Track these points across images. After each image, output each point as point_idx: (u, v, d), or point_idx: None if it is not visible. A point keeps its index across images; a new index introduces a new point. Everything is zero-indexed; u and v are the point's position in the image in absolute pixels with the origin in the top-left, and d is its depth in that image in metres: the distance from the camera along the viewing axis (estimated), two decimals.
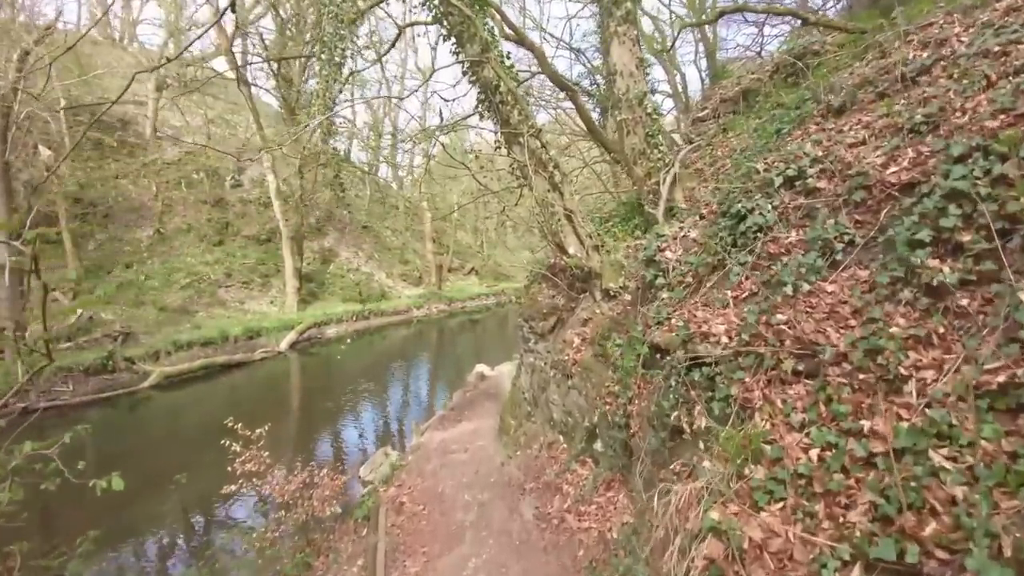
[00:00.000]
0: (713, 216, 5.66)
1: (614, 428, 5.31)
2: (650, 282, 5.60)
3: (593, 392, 6.05)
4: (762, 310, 3.94)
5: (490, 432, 11.82)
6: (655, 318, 5.12)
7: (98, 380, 17.34)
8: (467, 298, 33.80)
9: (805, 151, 5.18)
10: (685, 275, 5.32)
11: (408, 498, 7.01)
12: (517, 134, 6.91)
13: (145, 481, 11.62)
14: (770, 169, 5.27)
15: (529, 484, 6.41)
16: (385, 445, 13.66)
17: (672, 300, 5.21)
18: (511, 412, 8.67)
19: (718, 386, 3.89)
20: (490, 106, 7.09)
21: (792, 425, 3.32)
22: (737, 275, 4.76)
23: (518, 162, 7.08)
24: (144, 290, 21.18)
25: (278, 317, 23.77)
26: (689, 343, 4.41)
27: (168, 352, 19.26)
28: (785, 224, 4.74)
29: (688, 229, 5.82)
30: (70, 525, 10.28)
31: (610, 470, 5.47)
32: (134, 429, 15.29)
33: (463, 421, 13.58)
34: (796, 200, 4.88)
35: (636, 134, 7.16)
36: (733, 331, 4.16)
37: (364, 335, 26.19)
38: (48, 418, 15.47)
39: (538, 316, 7.46)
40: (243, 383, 19.04)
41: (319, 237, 30.39)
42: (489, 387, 16.29)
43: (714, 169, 7.60)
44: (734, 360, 3.89)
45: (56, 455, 3.16)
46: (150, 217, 23.52)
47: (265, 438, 8.05)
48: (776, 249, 4.62)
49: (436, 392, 19.15)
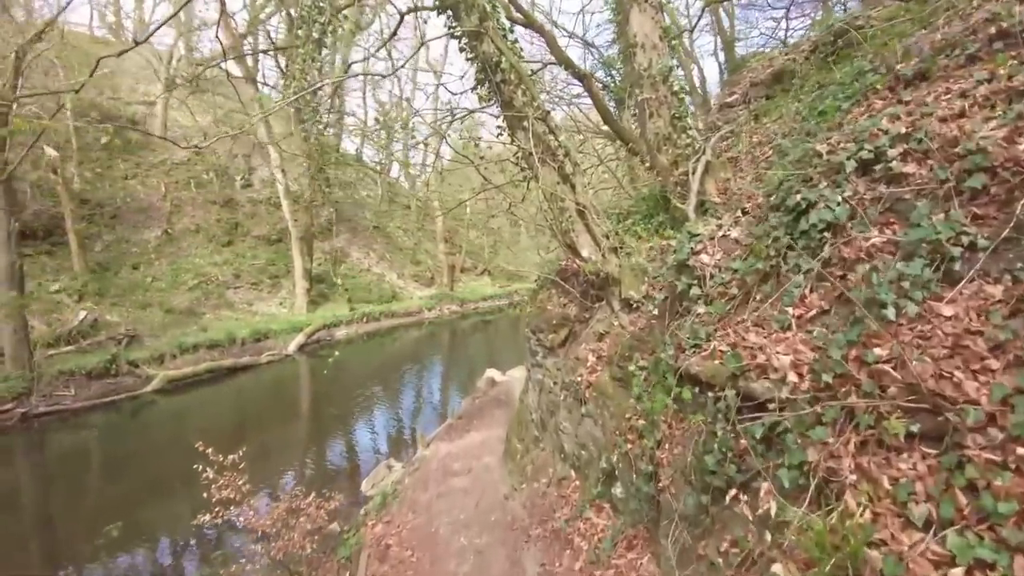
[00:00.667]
0: (760, 211, 4.51)
1: (638, 475, 4.20)
2: (682, 292, 4.47)
3: (611, 423, 4.93)
4: (849, 340, 2.79)
5: (497, 445, 10.83)
6: (690, 339, 4.00)
7: (101, 384, 16.62)
8: (479, 299, 32.74)
9: (881, 127, 4.00)
10: (727, 284, 4.18)
11: (396, 540, 5.98)
12: (521, 117, 5.82)
13: (145, 488, 10.97)
14: (836, 151, 4.10)
15: (535, 529, 5.33)
16: (389, 456, 12.76)
17: (711, 316, 4.08)
18: (517, 433, 7.58)
19: (788, 446, 2.75)
20: (490, 86, 6.00)
21: (911, 521, 2.18)
22: (799, 286, 3.62)
23: (523, 150, 5.97)
24: (151, 291, 20.47)
25: (287, 319, 22.96)
26: (741, 378, 3.28)
27: (173, 355, 18.50)
28: (863, 221, 3.58)
29: (728, 227, 4.67)
30: (73, 530, 9.64)
31: (632, 525, 4.35)
32: (136, 434, 14.55)
33: (471, 431, 12.56)
34: (875, 189, 3.72)
35: (660, 116, 6.02)
36: (804, 366, 3.02)
37: (375, 337, 25.30)
38: (50, 423, 14.82)
39: (547, 327, 6.36)
40: (249, 387, 18.22)
41: (330, 237, 29.55)
42: (499, 394, 15.23)
43: (752, 157, 6.42)
44: (810, 409, 2.76)
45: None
46: (158, 218, 22.84)
47: (243, 459, 7.05)
48: (853, 253, 3.46)
49: (447, 397, 18.15)
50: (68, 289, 18.67)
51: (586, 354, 5.62)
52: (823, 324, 3.35)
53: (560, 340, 6.15)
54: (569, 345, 6.10)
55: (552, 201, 5.84)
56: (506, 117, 6.03)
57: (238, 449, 7.22)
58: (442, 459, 10.57)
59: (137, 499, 10.55)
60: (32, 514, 10.68)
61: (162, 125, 25.55)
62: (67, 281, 18.83)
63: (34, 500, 11.47)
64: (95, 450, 13.67)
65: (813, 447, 2.64)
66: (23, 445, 13.78)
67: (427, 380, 19.90)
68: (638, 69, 6.15)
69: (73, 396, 15.79)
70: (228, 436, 13.98)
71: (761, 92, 9.53)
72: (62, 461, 13.07)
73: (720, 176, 6.11)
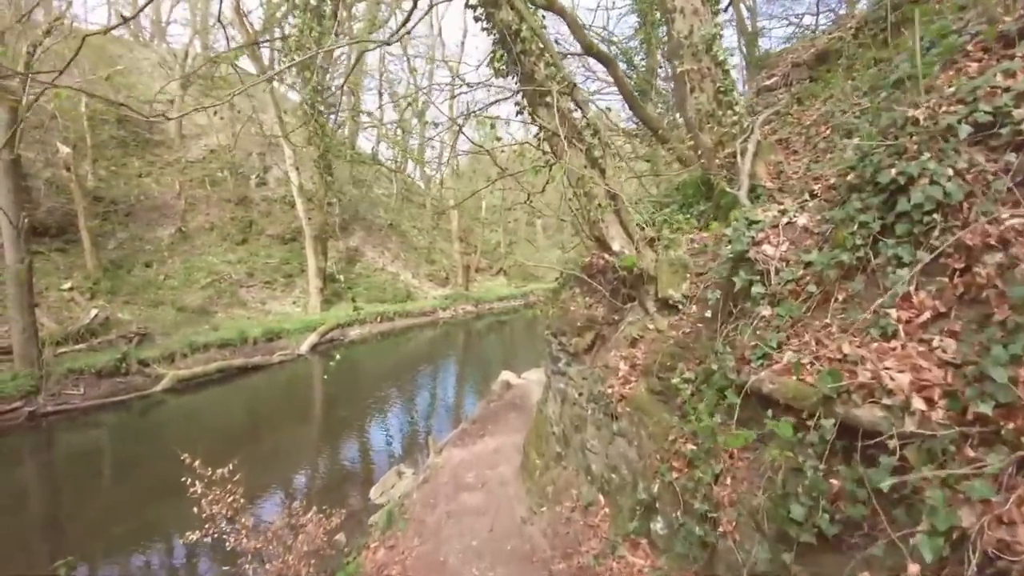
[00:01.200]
0: (835, 193, 3.68)
1: (688, 512, 3.40)
2: (740, 290, 3.66)
3: (650, 445, 4.14)
4: (1013, 355, 1.97)
5: (513, 453, 10.12)
6: (756, 348, 3.19)
7: (111, 383, 16.18)
8: (495, 299, 32.00)
9: (995, 84, 3.18)
10: (800, 281, 3.37)
11: (399, 570, 5.23)
12: (543, 93, 5.04)
13: (152, 489, 10.29)
14: (937, 116, 3.27)
15: (558, 564, 4.56)
16: (400, 461, 12.11)
17: (781, 320, 3.27)
18: (536, 446, 6.79)
19: (927, 504, 1.94)
20: (509, 59, 5.24)
21: None
22: (903, 283, 2.80)
23: (545, 131, 5.20)
24: (163, 290, 20.05)
25: (300, 318, 22.43)
26: (838, 401, 2.48)
27: (184, 354, 18.02)
28: (988, 197, 2.76)
29: (794, 213, 3.86)
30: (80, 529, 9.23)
31: (679, 570, 3.55)
32: (145, 434, 14.07)
33: (485, 436, 11.84)
34: (997, 158, 2.90)
35: (703, 91, 5.20)
36: (934, 387, 2.21)
37: (389, 337, 24.70)
38: (58, 422, 14.39)
39: (570, 330, 5.58)
40: (260, 387, 17.68)
41: (345, 236, 29.03)
42: (515, 397, 14.50)
43: (805, 138, 5.58)
44: (957, 451, 1.95)
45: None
46: (172, 215, 22.46)
47: (237, 470, 6.38)
48: (977, 240, 2.64)
49: (461, 399, 17.43)
50: (80, 287, 18.30)
51: (617, 362, 4.83)
52: (942, 330, 2.54)
53: (586, 345, 5.37)
54: (596, 351, 5.32)
55: (578, 188, 5.07)
56: (526, 94, 5.27)
57: (235, 457, 6.60)
58: (454, 468, 9.86)
59: (145, 499, 10.04)
60: (39, 514, 10.27)
61: (177, 123, 25.22)
62: (79, 279, 18.46)
63: (41, 500, 11.05)
64: (103, 450, 13.20)
65: (969, 508, 1.84)
66: (30, 445, 13.34)
67: (441, 381, 19.21)
68: (677, 37, 5.34)
69: (82, 395, 15.35)
70: (236, 437, 13.43)
71: (803, 74, 8.68)
72: (69, 461, 12.62)
73: (770, 158, 5.28)
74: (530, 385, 15.43)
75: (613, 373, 4.77)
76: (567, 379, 5.63)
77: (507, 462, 9.67)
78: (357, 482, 11.49)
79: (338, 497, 10.81)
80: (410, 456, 12.38)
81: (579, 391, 5.29)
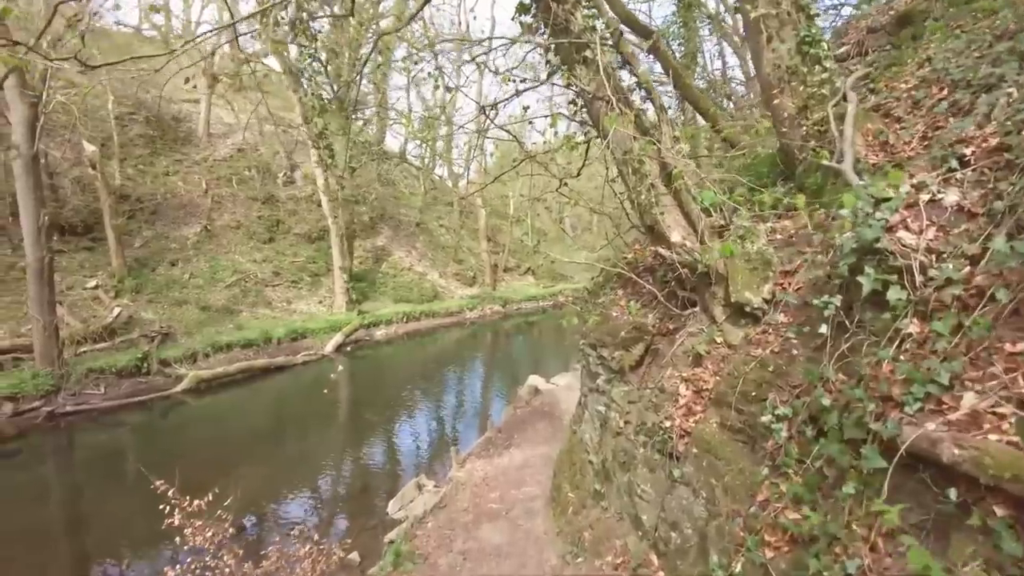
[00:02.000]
0: (1006, 157, 2.53)
1: None
2: (868, 297, 2.54)
3: (727, 502, 3.04)
4: None
5: (541, 468, 9.15)
6: (910, 384, 2.08)
7: (131, 383, 15.74)
8: (523, 300, 30.96)
9: None
10: (968, 282, 2.24)
11: None
12: (581, 46, 3.98)
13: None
14: None
15: None
16: (422, 470, 11.26)
17: (944, 341, 2.14)
18: (569, 476, 5.71)
19: None
20: (538, 8, 4.19)
21: None
22: None
23: (583, 95, 4.13)
24: (188, 288, 19.65)
25: (325, 318, 21.82)
26: None
27: (206, 354, 17.53)
28: None
29: (937, 189, 2.71)
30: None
31: None
32: (165, 436, 13.56)
33: (511, 447, 10.86)
34: None
35: (782, 41, 4.06)
36: None
37: (414, 337, 23.92)
38: (77, 422, 13.95)
39: (613, 342, 4.50)
40: (282, 388, 17.03)
41: (372, 235, 28.41)
42: (543, 404, 13.48)
43: (911, 103, 4.38)
44: None
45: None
46: (199, 214, 22.10)
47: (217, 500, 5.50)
48: None
49: (487, 404, 16.46)
50: (105, 285, 17.99)
51: (676, 385, 3.74)
52: None
53: (633, 361, 4.27)
54: (647, 369, 4.22)
55: (625, 165, 4.00)
56: (559, 49, 4.21)
57: (252, 462, 5.73)
58: (476, 487, 8.90)
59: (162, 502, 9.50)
60: (58, 516, 9.80)
61: (205, 121, 24.95)
62: (104, 277, 18.15)
63: (61, 500, 10.57)
64: (121, 452, 12.66)
65: None
66: (48, 445, 12.90)
67: (467, 384, 18.27)
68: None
69: (102, 395, 14.92)
70: (255, 441, 12.76)
71: (882, 40, 7.39)
72: (87, 464, 12.15)
73: (868, 127, 4.11)
74: (559, 391, 14.41)
75: (671, 399, 3.69)
76: (608, 400, 4.55)
77: (535, 481, 8.68)
78: (376, 492, 10.64)
79: (355, 509, 10.02)
80: (432, 465, 11.51)
81: (624, 418, 4.21)
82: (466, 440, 12.91)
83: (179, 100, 25.49)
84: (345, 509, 10.15)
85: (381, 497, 10.17)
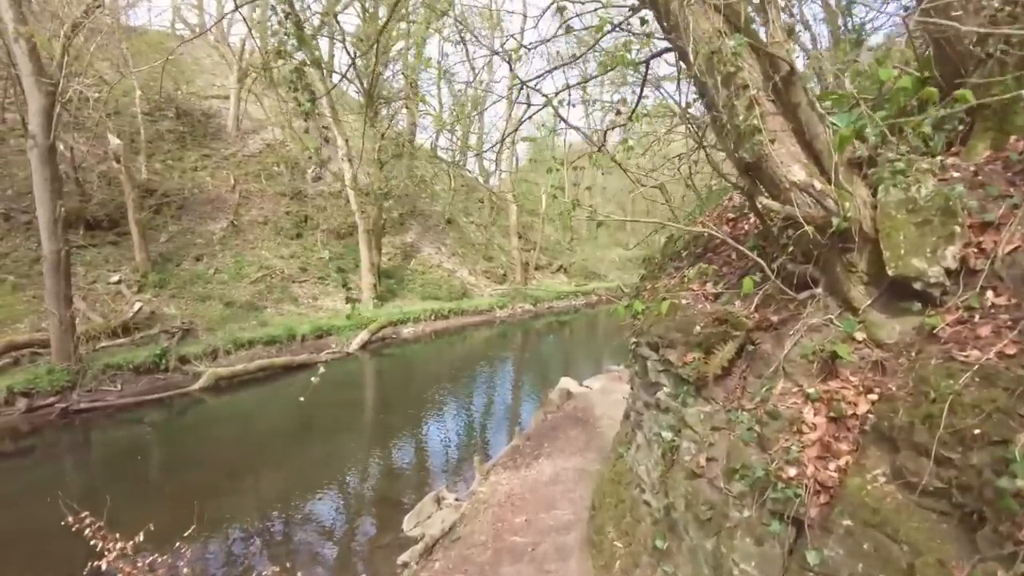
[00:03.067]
0: None
1: None
2: None
3: None
4: None
5: (574, 484, 7.91)
6: None
7: (149, 379, 15.06)
8: (554, 298, 29.50)
9: None
10: None
11: None
12: None
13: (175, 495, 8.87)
14: None
15: None
16: (444, 479, 10.10)
17: None
18: (613, 516, 4.28)
19: None
20: None
21: None
22: None
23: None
24: (212, 283, 18.99)
25: (351, 315, 20.89)
26: None
27: (227, 351, 16.76)
28: None
29: None
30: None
31: None
32: (178, 436, 12.79)
33: (541, 458, 9.55)
34: None
35: None
36: None
37: (443, 336, 22.79)
38: (92, 419, 13.26)
39: (684, 340, 3.09)
40: (303, 388, 16.09)
41: (401, 232, 27.45)
42: (576, 409, 12.08)
43: None
44: None
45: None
46: (225, 209, 21.50)
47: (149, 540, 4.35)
48: None
49: (516, 406, 15.12)
50: (128, 280, 17.43)
51: (797, 407, 2.33)
52: None
53: (718, 368, 2.84)
54: (740, 379, 2.81)
55: (712, 74, 2.61)
56: None
57: (269, 464, 4.54)
58: (499, 507, 7.62)
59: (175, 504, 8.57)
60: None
61: (235, 117, 24.43)
62: (128, 272, 17.61)
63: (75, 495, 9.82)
64: (133, 451, 11.85)
65: None
66: (62, 442, 12.20)
67: (495, 386, 16.97)
68: None
69: (118, 392, 14.24)
70: (270, 443, 11.80)
71: None
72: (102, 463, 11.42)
73: None
74: (593, 395, 13.00)
75: (790, 429, 2.29)
76: (677, 423, 3.12)
77: (567, 501, 7.34)
78: (393, 503, 9.47)
79: (369, 523, 8.92)
80: (455, 474, 10.31)
81: (705, 451, 2.78)
82: (493, 446, 11.67)
83: (209, 96, 25.12)
84: (358, 523, 9.05)
85: (398, 509, 9.01)
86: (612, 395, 12.75)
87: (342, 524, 8.85)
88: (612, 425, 10.79)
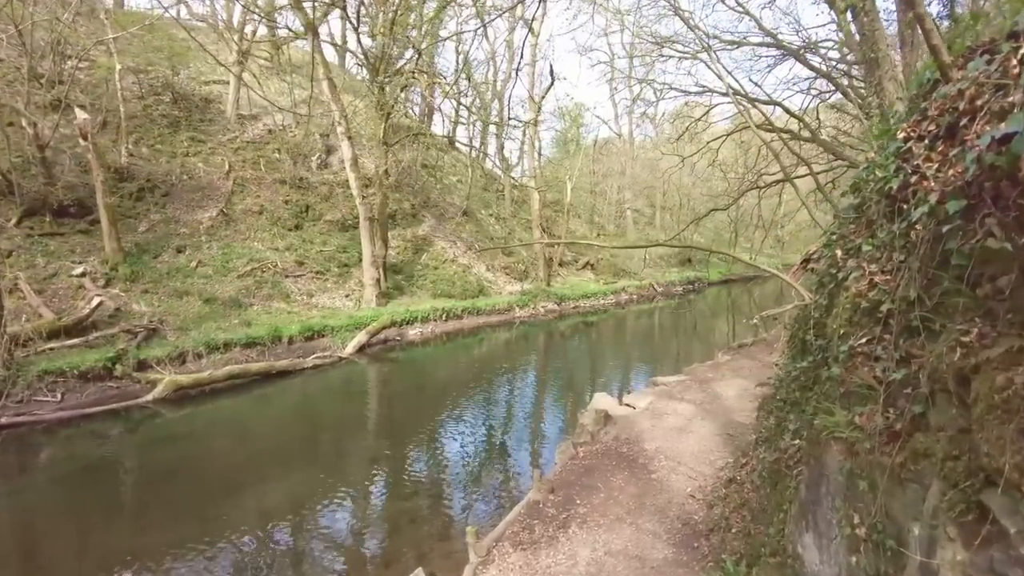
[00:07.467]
0: None
1: None
2: None
3: None
4: None
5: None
6: None
7: (98, 388, 12.14)
8: (580, 297, 25.83)
9: None
10: None
11: None
12: None
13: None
14: None
15: None
16: (422, 565, 6.68)
17: None
18: None
19: None
20: None
21: None
22: None
23: None
24: (193, 277, 16.06)
25: (349, 314, 17.73)
26: None
27: (198, 354, 13.79)
28: None
29: None
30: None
31: None
32: (120, 462, 9.81)
33: (570, 526, 6.10)
34: None
35: None
36: None
37: (455, 338, 19.43)
38: (27, 435, 10.37)
39: None
40: (282, 399, 12.93)
41: (413, 224, 24.29)
42: (618, 440, 8.44)
43: None
44: None
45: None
46: (217, 197, 18.70)
47: None
48: None
49: (537, 430, 11.49)
50: (94, 272, 14.60)
51: None
52: None
53: None
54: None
55: None
56: None
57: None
58: None
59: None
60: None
61: (233, 101, 21.72)
62: (96, 263, 14.79)
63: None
64: (65, 479, 8.87)
65: None
66: None
67: (512, 402, 13.39)
68: None
69: (58, 403, 11.34)
70: (217, 477, 8.62)
71: None
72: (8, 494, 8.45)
73: None
74: (640, 418, 9.32)
75: None
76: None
77: None
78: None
79: None
80: (439, 554, 6.73)
81: None
82: (501, 497, 8.13)
83: (211, 81, 22.50)
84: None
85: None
86: (666, 419, 9.02)
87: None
88: (673, 468, 7.12)
